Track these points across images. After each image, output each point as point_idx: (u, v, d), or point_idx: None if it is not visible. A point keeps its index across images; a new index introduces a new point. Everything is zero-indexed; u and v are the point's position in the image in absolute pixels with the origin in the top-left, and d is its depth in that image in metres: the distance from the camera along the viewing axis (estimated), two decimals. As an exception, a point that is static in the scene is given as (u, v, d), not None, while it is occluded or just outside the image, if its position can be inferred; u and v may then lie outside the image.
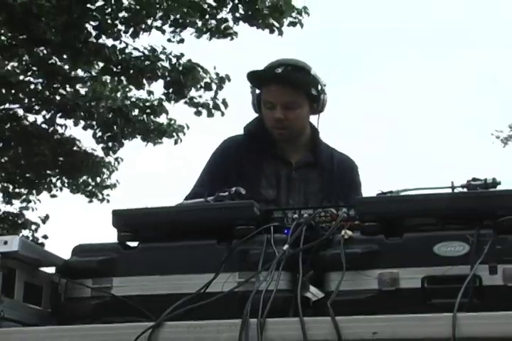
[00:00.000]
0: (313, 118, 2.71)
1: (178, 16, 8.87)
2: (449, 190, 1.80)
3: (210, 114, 9.34)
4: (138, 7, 8.64)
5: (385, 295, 1.67)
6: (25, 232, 10.81)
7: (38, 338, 1.69)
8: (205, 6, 8.74)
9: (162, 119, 10.03)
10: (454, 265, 1.64)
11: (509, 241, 1.65)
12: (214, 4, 8.70)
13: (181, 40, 9.14)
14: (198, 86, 9.29)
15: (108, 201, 10.90)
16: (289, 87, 2.57)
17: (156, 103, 9.82)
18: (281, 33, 8.65)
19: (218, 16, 8.80)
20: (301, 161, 2.69)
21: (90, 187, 10.72)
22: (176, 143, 10.07)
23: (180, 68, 9.17)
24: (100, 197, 10.85)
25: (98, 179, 10.68)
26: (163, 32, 9.01)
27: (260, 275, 1.69)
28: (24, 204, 10.78)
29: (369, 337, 1.53)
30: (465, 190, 1.80)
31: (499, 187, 1.79)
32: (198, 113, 9.39)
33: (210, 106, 9.32)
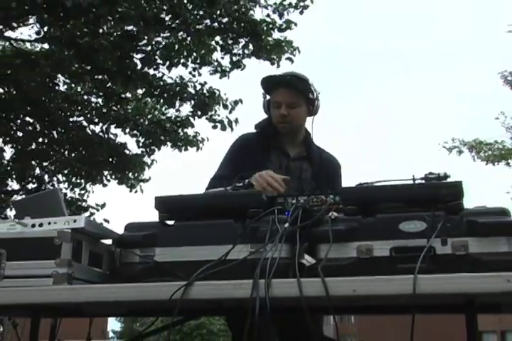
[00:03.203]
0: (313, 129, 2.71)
1: (199, 55, 8.90)
2: (411, 181, 1.79)
3: (223, 128, 9.37)
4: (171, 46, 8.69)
5: (362, 261, 1.66)
6: (86, 214, 10.78)
7: (99, 293, 1.69)
8: (225, 44, 8.83)
9: (189, 132, 10.06)
10: (414, 238, 1.63)
11: (456, 220, 1.64)
12: (230, 42, 8.77)
13: (200, 74, 9.23)
14: (218, 106, 9.34)
15: (142, 191, 10.86)
16: (293, 90, 2.59)
17: (183, 118, 9.86)
18: (278, 66, 8.77)
19: (233, 51, 8.89)
20: (297, 154, 2.69)
21: (130, 180, 10.70)
22: (197, 150, 10.09)
23: (205, 91, 9.25)
24: (138, 188, 10.82)
25: (136, 174, 10.65)
26: (186, 66, 9.04)
27: (267, 246, 1.68)
28: (83, 192, 10.77)
29: (350, 293, 1.53)
30: (423, 181, 1.79)
31: (449, 180, 1.78)
32: (215, 127, 9.43)
33: (225, 123, 9.35)
